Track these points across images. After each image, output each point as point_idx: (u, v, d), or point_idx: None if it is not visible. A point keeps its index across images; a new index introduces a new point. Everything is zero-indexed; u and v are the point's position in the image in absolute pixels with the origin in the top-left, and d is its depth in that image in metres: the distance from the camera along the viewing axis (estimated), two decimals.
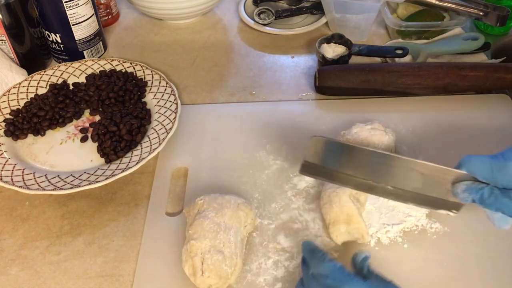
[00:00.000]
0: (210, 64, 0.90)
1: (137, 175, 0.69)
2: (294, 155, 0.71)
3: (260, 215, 0.62)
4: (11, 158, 0.69)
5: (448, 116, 0.76)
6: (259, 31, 0.97)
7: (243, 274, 0.56)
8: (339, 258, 0.57)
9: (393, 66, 0.80)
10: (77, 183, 0.64)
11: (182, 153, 0.71)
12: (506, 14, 0.84)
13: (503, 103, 0.78)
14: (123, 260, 0.59)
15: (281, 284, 0.55)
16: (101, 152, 0.70)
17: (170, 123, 0.72)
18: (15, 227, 0.64)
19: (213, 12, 1.04)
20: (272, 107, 0.79)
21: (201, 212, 0.57)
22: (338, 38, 0.85)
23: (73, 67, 0.84)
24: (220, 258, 0.53)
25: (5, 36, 0.80)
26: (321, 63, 0.84)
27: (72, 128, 0.76)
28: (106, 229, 0.63)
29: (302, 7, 1.01)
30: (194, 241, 0.54)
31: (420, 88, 0.78)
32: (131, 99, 0.77)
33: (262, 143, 0.73)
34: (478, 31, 0.94)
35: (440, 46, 0.86)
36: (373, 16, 0.90)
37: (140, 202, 0.66)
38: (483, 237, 0.59)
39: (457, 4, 0.89)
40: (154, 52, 0.94)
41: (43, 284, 0.58)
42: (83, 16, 0.84)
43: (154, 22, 1.02)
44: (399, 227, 0.60)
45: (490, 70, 0.77)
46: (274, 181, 0.67)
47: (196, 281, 0.53)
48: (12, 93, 0.79)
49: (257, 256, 0.58)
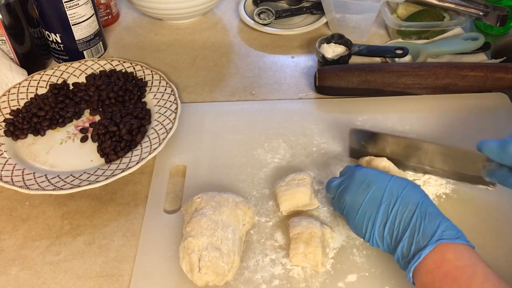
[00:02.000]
0: (210, 64, 0.91)
1: (137, 175, 0.69)
2: (292, 153, 0.71)
3: (257, 212, 0.63)
4: (11, 158, 0.69)
5: (447, 115, 0.76)
6: (259, 31, 0.97)
7: (240, 271, 0.57)
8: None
9: (393, 66, 0.80)
10: (77, 183, 0.64)
11: (181, 151, 0.72)
12: (506, 14, 0.84)
13: (502, 102, 0.78)
14: (123, 260, 0.60)
15: (278, 281, 0.56)
16: (101, 152, 0.70)
17: (170, 123, 0.72)
18: (15, 227, 0.64)
19: (213, 12, 1.04)
20: (271, 106, 0.80)
21: (199, 210, 0.57)
22: (338, 38, 0.85)
23: (73, 67, 0.84)
24: (217, 255, 0.53)
25: (5, 36, 0.80)
26: (321, 63, 0.84)
27: (72, 128, 0.76)
28: (106, 229, 0.63)
29: (302, 7, 1.01)
30: (192, 238, 0.54)
31: (420, 88, 0.78)
32: (131, 99, 0.77)
33: (260, 141, 0.73)
34: (478, 31, 0.94)
35: (440, 46, 0.87)
36: (373, 16, 0.90)
37: (140, 202, 0.66)
38: (482, 237, 0.59)
39: (457, 4, 0.89)
40: (154, 52, 0.94)
41: (43, 284, 0.58)
42: (83, 16, 0.84)
43: (154, 22, 1.02)
44: None
45: (490, 70, 0.77)
46: (272, 179, 0.67)
47: (193, 278, 0.53)
48: (12, 93, 0.79)
49: (254, 253, 0.58)
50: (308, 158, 0.70)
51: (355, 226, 0.54)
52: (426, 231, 0.48)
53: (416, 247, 0.48)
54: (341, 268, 0.57)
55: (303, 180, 0.61)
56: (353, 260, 0.57)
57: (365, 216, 0.53)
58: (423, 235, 0.48)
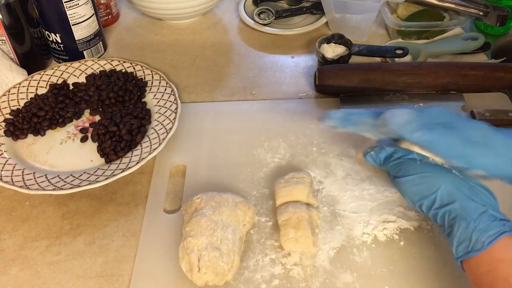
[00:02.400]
0: (210, 64, 0.91)
1: (137, 175, 0.69)
2: (292, 153, 0.71)
3: (257, 212, 0.63)
4: (11, 158, 0.69)
5: None
6: (259, 31, 0.97)
7: (240, 270, 0.57)
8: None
9: (393, 65, 0.80)
10: (77, 183, 0.64)
11: (181, 151, 0.72)
12: (506, 14, 0.84)
13: (501, 102, 0.78)
14: (123, 260, 0.60)
15: (278, 281, 0.56)
16: (101, 152, 0.70)
17: (170, 123, 0.72)
18: (15, 227, 0.64)
19: (213, 12, 1.04)
20: (271, 106, 0.80)
21: (199, 210, 0.57)
22: (338, 38, 0.85)
23: (73, 67, 0.84)
24: (217, 255, 0.53)
25: (5, 36, 0.80)
26: (321, 63, 0.84)
27: (72, 128, 0.76)
28: (106, 229, 0.63)
29: (302, 7, 1.01)
30: (191, 238, 0.54)
31: (420, 87, 0.78)
32: (131, 99, 0.77)
33: (260, 141, 0.73)
34: (478, 31, 0.94)
35: (440, 46, 0.87)
36: (373, 16, 0.90)
37: (140, 202, 0.66)
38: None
39: (457, 4, 0.89)
40: (154, 52, 0.94)
41: (43, 284, 0.58)
42: (83, 16, 0.84)
43: (154, 22, 1.02)
44: (395, 224, 0.61)
45: (490, 69, 0.77)
46: (272, 179, 0.67)
47: (193, 278, 0.53)
48: (12, 93, 0.79)
49: (254, 253, 0.58)
50: (308, 158, 0.70)
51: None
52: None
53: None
54: (341, 268, 0.57)
55: (302, 179, 0.62)
56: (353, 260, 0.57)
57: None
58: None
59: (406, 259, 0.57)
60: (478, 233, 0.47)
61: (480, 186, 0.51)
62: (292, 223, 0.57)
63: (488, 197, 0.50)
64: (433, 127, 0.52)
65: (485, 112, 0.72)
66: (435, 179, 0.51)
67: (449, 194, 0.50)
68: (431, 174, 0.52)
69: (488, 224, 0.47)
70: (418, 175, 0.52)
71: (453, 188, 0.50)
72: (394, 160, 0.55)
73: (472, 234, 0.47)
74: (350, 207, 0.63)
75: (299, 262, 0.57)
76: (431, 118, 0.53)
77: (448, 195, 0.50)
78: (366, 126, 0.58)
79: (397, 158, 0.55)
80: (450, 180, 0.51)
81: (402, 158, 0.54)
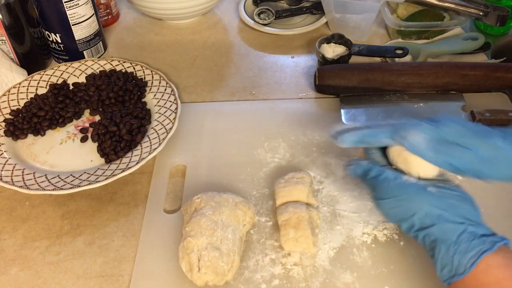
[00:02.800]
0: (210, 64, 0.91)
1: (137, 175, 0.69)
2: (292, 153, 0.71)
3: (257, 212, 0.63)
4: (11, 158, 0.69)
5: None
6: (259, 31, 0.97)
7: (240, 270, 0.57)
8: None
9: (393, 65, 0.80)
10: (77, 183, 0.64)
11: (181, 151, 0.72)
12: (506, 14, 0.84)
13: (501, 102, 0.78)
14: (123, 260, 0.60)
15: (278, 281, 0.56)
16: (101, 152, 0.70)
17: (170, 123, 0.72)
18: (15, 227, 0.64)
19: (213, 12, 1.04)
20: (271, 106, 0.80)
21: (198, 210, 0.57)
22: (338, 38, 0.85)
23: (73, 67, 0.84)
24: (217, 255, 0.53)
25: (5, 36, 0.80)
26: (321, 63, 0.84)
27: (72, 128, 0.76)
28: (106, 229, 0.63)
29: (302, 7, 1.01)
30: (191, 238, 0.54)
31: (420, 87, 0.78)
32: (131, 99, 0.77)
33: (260, 141, 0.73)
34: (478, 31, 0.94)
35: (440, 46, 0.87)
36: (373, 16, 0.90)
37: (140, 202, 0.66)
38: None
39: (457, 4, 0.89)
40: (154, 52, 0.94)
41: (43, 284, 0.58)
42: (83, 16, 0.84)
43: (154, 22, 1.02)
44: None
45: (490, 69, 0.77)
46: (272, 179, 0.67)
47: (193, 278, 0.53)
48: (12, 93, 0.79)
49: (254, 253, 0.58)
50: (308, 158, 0.70)
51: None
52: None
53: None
54: (341, 268, 0.57)
55: (302, 179, 0.62)
56: (353, 260, 0.57)
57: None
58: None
59: (406, 259, 0.58)
60: (459, 256, 0.46)
61: (459, 198, 0.50)
62: (292, 223, 0.57)
63: (467, 210, 0.49)
64: (448, 146, 0.51)
65: (485, 112, 0.72)
66: (411, 203, 0.50)
67: (426, 216, 0.49)
68: (406, 197, 0.50)
69: (468, 244, 0.46)
70: (394, 198, 0.51)
71: (430, 209, 0.49)
72: (370, 178, 0.54)
73: (453, 257, 0.46)
74: (350, 207, 0.63)
75: (299, 262, 0.57)
76: (445, 134, 0.51)
77: (426, 217, 0.49)
78: (381, 146, 0.57)
79: (372, 177, 0.54)
80: (427, 201, 0.49)
81: (377, 178, 0.53)
